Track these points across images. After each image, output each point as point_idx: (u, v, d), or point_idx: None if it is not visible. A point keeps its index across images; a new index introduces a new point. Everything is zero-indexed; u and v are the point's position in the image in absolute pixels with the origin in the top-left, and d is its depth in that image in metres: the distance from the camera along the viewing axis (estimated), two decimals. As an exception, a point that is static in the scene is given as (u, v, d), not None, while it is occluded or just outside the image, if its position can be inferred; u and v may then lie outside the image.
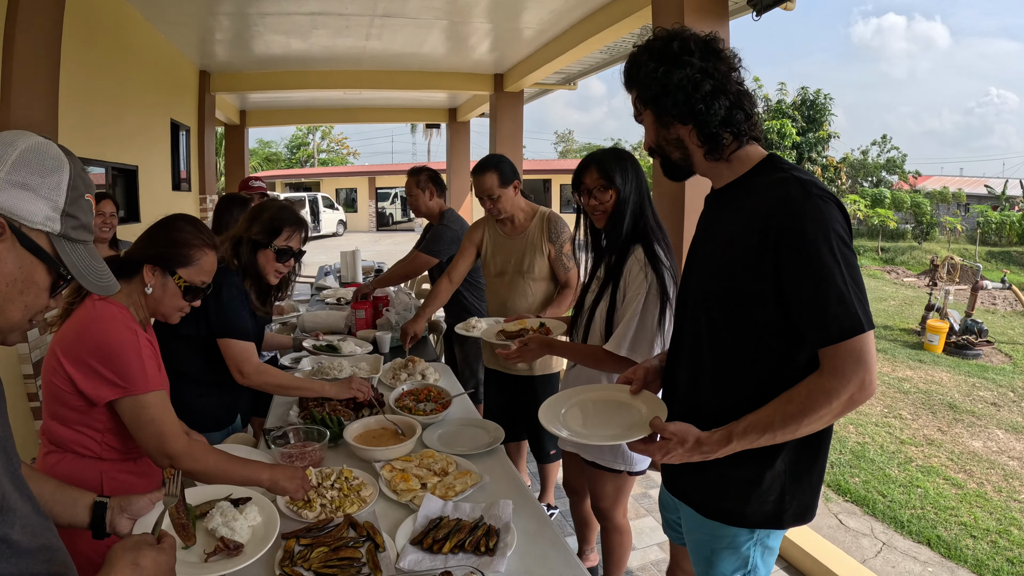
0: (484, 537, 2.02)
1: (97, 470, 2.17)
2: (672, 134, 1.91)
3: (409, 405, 3.15)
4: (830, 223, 1.65)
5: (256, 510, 2.00)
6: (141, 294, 2.26)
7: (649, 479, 5.02)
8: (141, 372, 2.07)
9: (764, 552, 2.00)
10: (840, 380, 1.62)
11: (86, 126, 6.21)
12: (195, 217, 2.44)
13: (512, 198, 3.81)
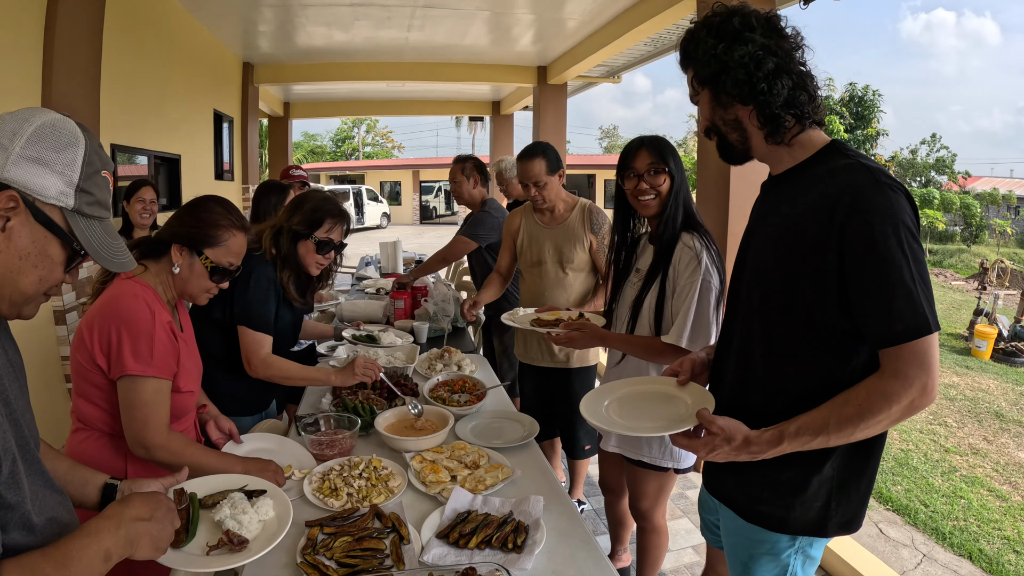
0: (512, 533, 1.96)
1: (121, 451, 2.18)
2: (730, 115, 1.80)
3: (443, 396, 3.13)
4: (899, 214, 1.54)
5: (270, 504, 1.92)
6: (169, 274, 2.26)
7: (687, 479, 4.96)
8: (147, 354, 2.07)
9: (805, 561, 1.89)
10: (902, 383, 1.53)
11: (128, 115, 6.27)
12: (226, 199, 2.43)
13: (557, 187, 3.74)
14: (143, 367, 2.06)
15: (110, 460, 2.18)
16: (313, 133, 56.97)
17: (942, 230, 28.32)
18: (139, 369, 2.05)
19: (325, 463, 2.46)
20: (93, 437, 2.19)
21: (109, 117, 5.51)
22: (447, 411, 2.89)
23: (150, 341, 2.08)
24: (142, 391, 2.07)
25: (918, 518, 4.48)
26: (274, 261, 2.94)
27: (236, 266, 2.39)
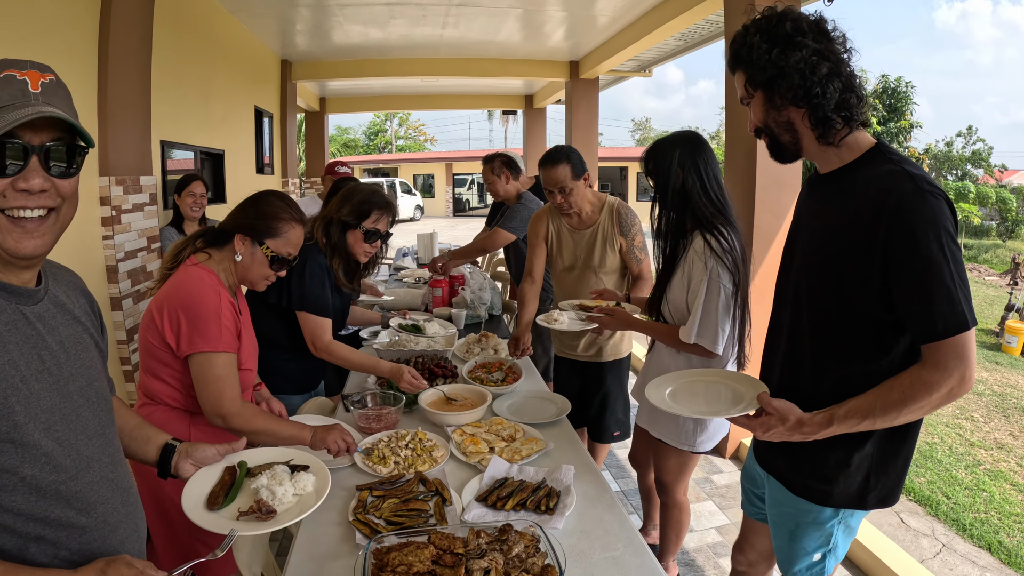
0: (545, 498, 2.14)
1: (186, 422, 2.40)
2: (783, 117, 1.88)
3: (481, 376, 3.32)
4: (940, 220, 1.63)
5: (311, 481, 1.98)
6: (231, 261, 2.46)
7: (712, 464, 5.10)
8: (216, 332, 2.26)
9: (845, 531, 2.08)
10: (942, 374, 1.65)
11: (176, 113, 6.48)
12: (285, 193, 2.62)
13: (583, 191, 3.62)
14: (214, 344, 2.24)
15: (175, 430, 2.27)
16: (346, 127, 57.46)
17: (977, 224, 27.77)
18: (210, 346, 2.24)
19: (372, 435, 2.66)
20: (159, 411, 2.38)
21: (159, 115, 5.72)
22: (485, 390, 3.08)
23: (218, 321, 2.26)
24: (214, 366, 2.25)
25: (939, 509, 4.51)
26: (323, 249, 3.14)
27: (294, 256, 2.57)
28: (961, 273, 1.64)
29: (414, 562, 1.65)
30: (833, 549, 2.10)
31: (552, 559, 1.73)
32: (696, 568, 3.76)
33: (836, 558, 2.14)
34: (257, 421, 2.31)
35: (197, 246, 2.48)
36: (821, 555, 2.11)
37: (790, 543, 2.14)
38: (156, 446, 1.84)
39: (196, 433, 2.41)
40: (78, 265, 4.33)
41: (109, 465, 1.44)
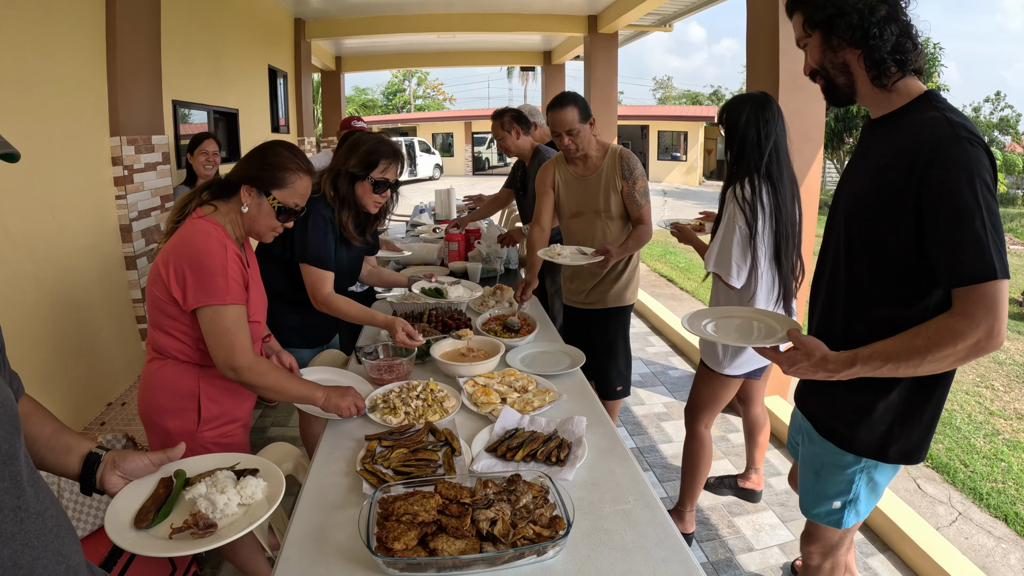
0: (556, 449, 2.10)
1: (195, 375, 2.39)
2: (839, 58, 1.90)
3: (495, 329, 3.29)
4: (975, 167, 1.63)
5: (261, 487, 1.78)
6: (238, 213, 2.40)
7: (729, 423, 5.10)
8: (223, 284, 2.22)
9: (869, 484, 2.10)
10: (969, 323, 1.63)
11: (187, 72, 6.46)
12: (292, 144, 2.54)
13: (588, 134, 3.66)
14: (221, 296, 2.21)
15: (184, 385, 2.39)
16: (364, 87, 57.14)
17: (1004, 193, 27.15)
18: (218, 299, 2.20)
19: (384, 386, 2.64)
20: (168, 365, 2.37)
21: (170, 74, 5.72)
22: (498, 341, 3.04)
23: (224, 273, 2.22)
24: (224, 318, 2.21)
25: (956, 477, 4.44)
26: (332, 202, 3.09)
27: (301, 207, 2.51)
28: (995, 223, 1.62)
29: (419, 511, 1.62)
30: (854, 501, 2.12)
31: (560, 510, 1.70)
32: (710, 526, 3.74)
33: (857, 513, 2.16)
34: (269, 376, 2.29)
35: (203, 199, 2.43)
36: (841, 504, 2.14)
37: (814, 485, 2.21)
38: (78, 456, 1.61)
39: (206, 387, 2.40)
40: (92, 224, 4.45)
41: (11, 492, 1.17)
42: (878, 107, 1.93)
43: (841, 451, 2.08)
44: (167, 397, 2.39)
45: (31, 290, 3.84)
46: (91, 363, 4.40)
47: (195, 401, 2.40)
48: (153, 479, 1.75)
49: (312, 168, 2.54)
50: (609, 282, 3.89)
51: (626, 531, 1.75)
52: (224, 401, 2.46)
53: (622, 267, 3.88)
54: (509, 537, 1.60)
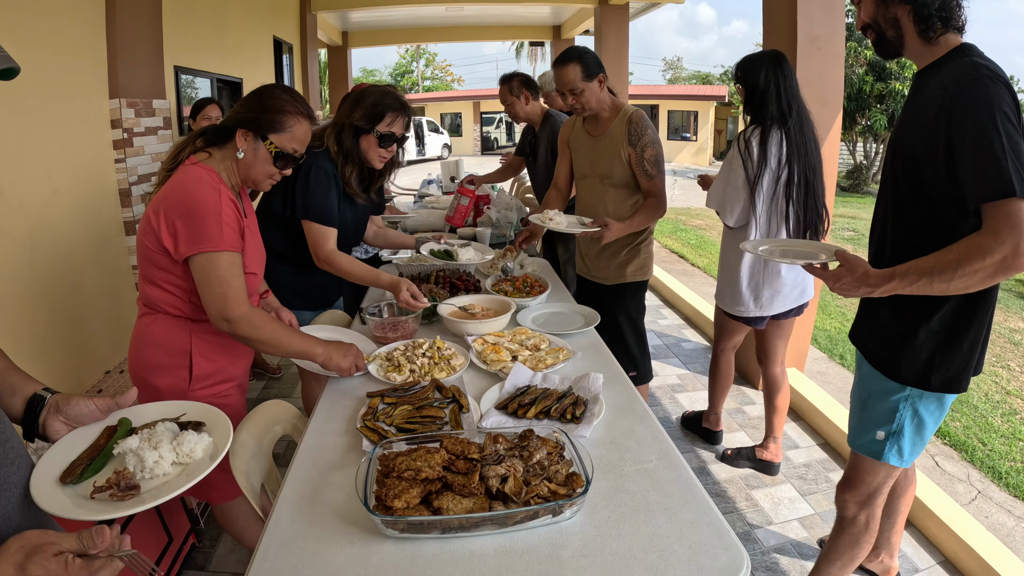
0: (572, 406, 1.97)
1: (187, 330, 2.25)
2: (891, 13, 2.07)
3: (505, 289, 3.14)
4: (995, 100, 1.79)
5: (202, 443, 1.58)
6: (234, 159, 2.26)
7: (744, 395, 4.99)
8: (217, 230, 2.07)
9: (914, 419, 2.21)
10: (995, 239, 1.74)
11: (190, 39, 6.36)
12: (292, 88, 2.39)
13: (596, 93, 3.34)
14: (215, 243, 2.07)
15: (175, 341, 2.25)
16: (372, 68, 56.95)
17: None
18: (211, 246, 2.06)
19: (388, 344, 2.51)
20: (159, 320, 2.24)
21: (172, 40, 5.64)
22: (509, 300, 2.91)
23: (218, 218, 2.08)
24: (217, 266, 2.07)
25: (975, 455, 4.35)
26: (335, 157, 2.94)
27: (300, 153, 2.36)
28: (1016, 149, 1.75)
29: (423, 467, 1.47)
30: (898, 433, 2.24)
31: (578, 467, 1.56)
32: (727, 499, 3.62)
33: (900, 450, 2.26)
34: (265, 328, 2.15)
35: (197, 145, 2.27)
36: (884, 434, 2.26)
37: (860, 415, 2.35)
38: (22, 398, 1.48)
39: (198, 343, 2.26)
40: (90, 188, 4.32)
41: None
42: (922, 59, 2.10)
43: (886, 379, 2.22)
44: (157, 353, 2.25)
45: (25, 253, 3.73)
46: (88, 329, 4.29)
47: (187, 358, 2.26)
48: (99, 427, 1.57)
49: (312, 113, 2.38)
50: (608, 256, 3.58)
51: (649, 491, 1.61)
52: (217, 358, 2.32)
53: (627, 241, 3.52)
54: (521, 495, 1.46)
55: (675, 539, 1.43)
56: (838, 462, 3.97)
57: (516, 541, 1.44)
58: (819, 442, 4.22)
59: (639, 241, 3.55)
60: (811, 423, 4.41)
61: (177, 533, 2.98)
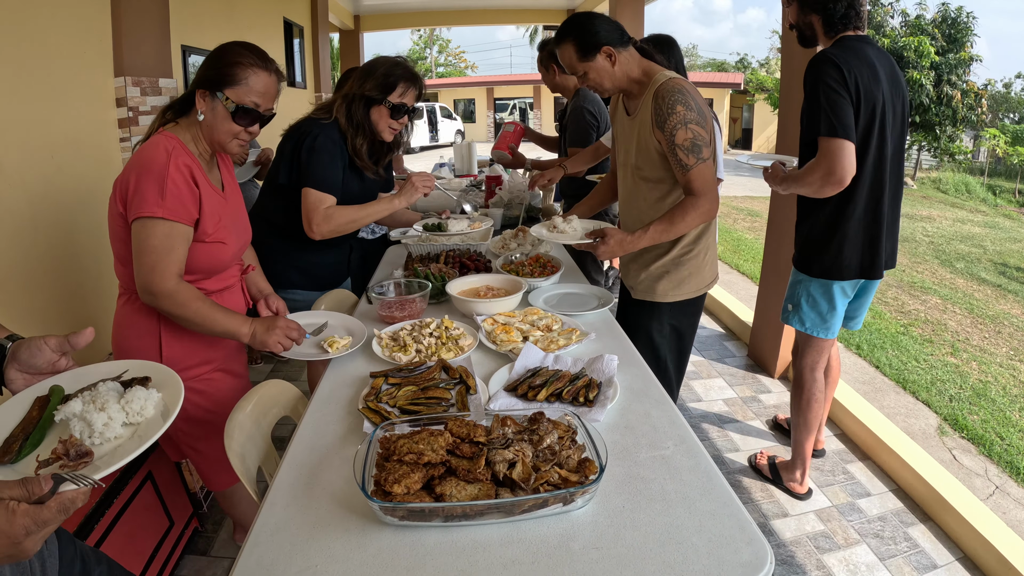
0: (584, 388, 1.87)
1: (154, 311, 2.16)
2: (808, 19, 3.01)
3: (517, 269, 3.05)
4: (820, 75, 2.79)
5: (152, 399, 1.46)
6: (197, 125, 2.16)
7: (759, 384, 4.91)
8: (156, 196, 1.98)
9: (807, 297, 3.22)
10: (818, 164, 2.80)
11: (198, 18, 6.29)
12: (252, 44, 2.26)
13: (608, 69, 2.69)
14: (153, 208, 1.97)
15: (143, 321, 2.18)
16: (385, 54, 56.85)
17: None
18: (149, 210, 1.97)
19: (395, 324, 2.42)
20: (129, 301, 2.18)
21: (179, 19, 5.58)
22: (520, 279, 2.82)
23: (161, 183, 1.99)
24: (152, 235, 1.98)
25: (993, 450, 4.28)
26: (345, 129, 2.86)
27: (265, 108, 2.21)
28: (832, 106, 2.76)
29: (425, 450, 1.38)
30: (796, 306, 3.27)
31: (591, 452, 1.46)
32: (742, 490, 3.55)
33: (801, 319, 3.28)
34: (191, 305, 2.04)
35: (167, 118, 2.21)
36: (791, 306, 3.32)
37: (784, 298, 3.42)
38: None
39: (167, 323, 2.18)
40: (94, 165, 4.23)
41: None
42: None
43: (795, 269, 3.27)
44: (130, 336, 2.20)
45: (27, 230, 3.66)
46: (91, 307, 4.22)
47: (156, 339, 2.19)
48: (27, 399, 1.42)
49: (276, 68, 2.26)
50: (639, 265, 2.95)
51: (666, 479, 1.51)
52: (189, 340, 2.24)
53: (662, 250, 2.86)
54: (530, 482, 1.36)
55: (694, 531, 1.34)
56: (856, 454, 3.89)
57: (524, 531, 1.34)
58: (836, 432, 4.13)
59: (681, 252, 2.85)
60: (830, 414, 4.31)
61: (179, 517, 2.91)
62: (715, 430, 4.16)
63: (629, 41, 2.72)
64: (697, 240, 2.85)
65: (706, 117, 2.60)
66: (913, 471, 3.51)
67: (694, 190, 2.61)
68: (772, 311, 4.78)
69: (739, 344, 5.63)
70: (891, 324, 7.13)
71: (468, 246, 3.42)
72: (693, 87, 2.64)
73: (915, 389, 5.25)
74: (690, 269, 2.86)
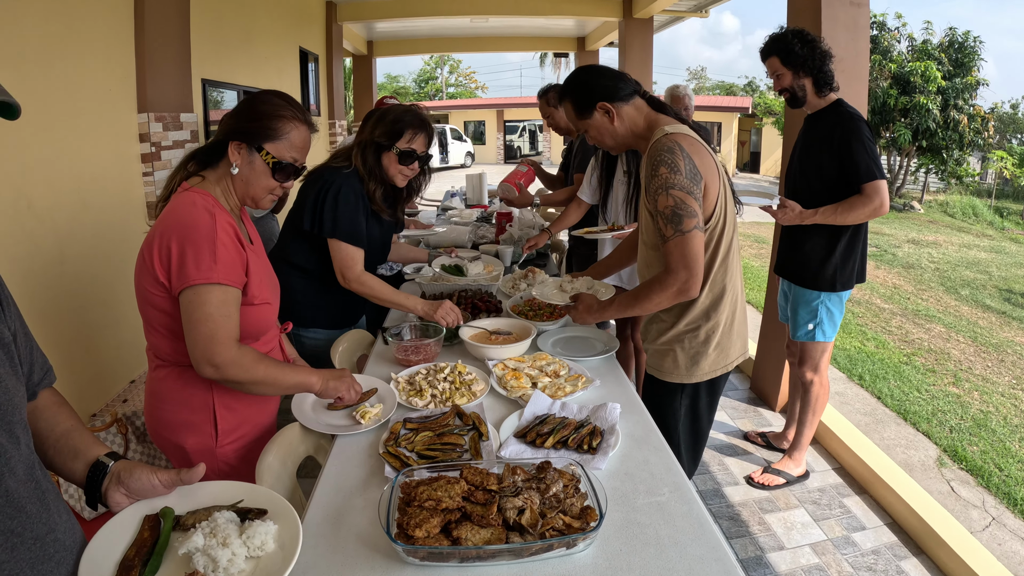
0: (588, 436, 2.01)
1: (206, 381, 2.07)
2: (801, 82, 3.52)
3: (525, 312, 3.17)
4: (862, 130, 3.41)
5: (271, 533, 1.43)
6: (229, 178, 2.07)
7: (761, 417, 5.00)
8: (208, 260, 1.88)
9: (828, 313, 3.76)
10: (868, 198, 3.40)
11: (217, 52, 6.47)
12: (285, 93, 2.21)
13: (607, 126, 2.51)
14: (207, 274, 1.88)
15: (195, 394, 2.10)
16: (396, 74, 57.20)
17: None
18: (203, 277, 1.87)
19: (411, 368, 2.56)
20: (174, 373, 2.08)
21: (199, 53, 5.73)
22: (530, 324, 2.95)
23: (212, 246, 1.90)
24: (207, 302, 1.88)
25: (991, 481, 4.35)
26: (362, 176, 2.98)
27: (301, 163, 2.15)
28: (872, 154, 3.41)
29: (443, 497, 1.52)
30: (821, 322, 3.76)
31: (592, 500, 1.60)
32: (740, 523, 3.66)
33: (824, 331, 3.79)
34: (258, 369, 1.97)
35: (189, 170, 2.10)
36: (813, 325, 3.79)
37: (795, 316, 3.86)
38: (84, 463, 1.41)
39: (220, 394, 2.11)
40: (118, 201, 4.40)
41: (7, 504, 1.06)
42: (815, 108, 3.62)
43: (806, 289, 3.75)
44: (178, 411, 2.11)
45: (54, 264, 3.80)
46: (115, 340, 4.37)
47: (210, 412, 2.11)
48: (137, 514, 1.44)
49: (311, 120, 2.19)
50: (653, 334, 2.65)
51: (661, 525, 1.65)
52: (242, 408, 2.19)
53: (668, 323, 2.56)
54: (537, 528, 1.51)
55: (684, 574, 1.47)
56: (853, 488, 3.99)
57: (531, 571, 1.48)
58: (835, 466, 4.24)
59: (687, 329, 2.51)
60: (828, 447, 4.42)
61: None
62: (715, 463, 4.27)
63: (634, 94, 2.51)
64: (707, 315, 2.49)
65: (700, 177, 2.31)
66: (907, 505, 3.61)
67: (668, 264, 2.33)
68: (775, 345, 4.89)
69: (742, 376, 5.72)
70: (894, 354, 7.22)
71: (479, 286, 3.55)
72: (694, 141, 2.38)
73: (916, 420, 5.33)
74: (698, 348, 2.51)
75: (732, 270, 2.51)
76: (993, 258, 14.59)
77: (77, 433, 1.43)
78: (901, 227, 18.03)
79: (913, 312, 9.26)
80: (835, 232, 3.56)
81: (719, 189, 2.39)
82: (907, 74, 20.67)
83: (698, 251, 2.29)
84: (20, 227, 3.54)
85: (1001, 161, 24.80)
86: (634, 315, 2.71)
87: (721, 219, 2.41)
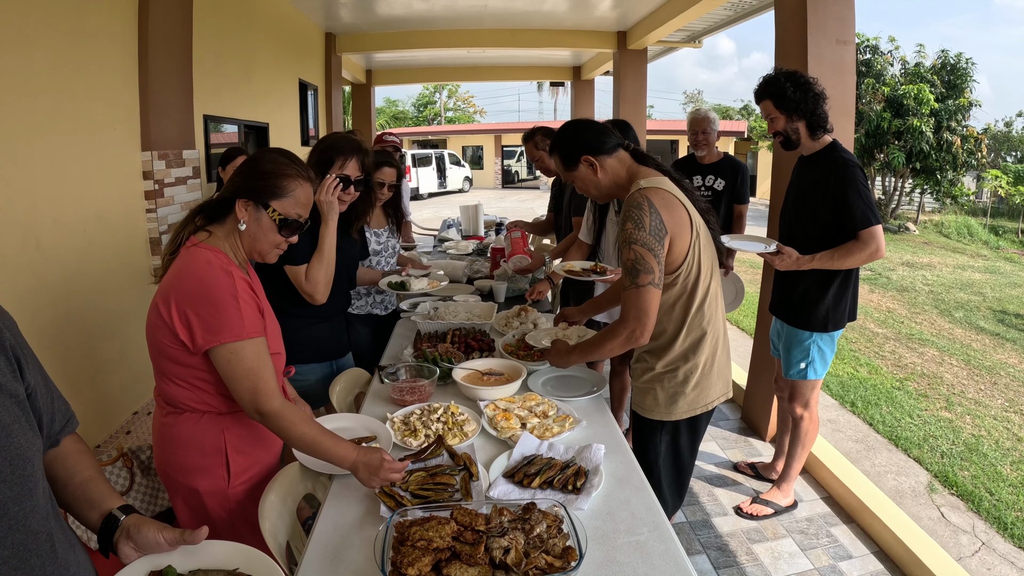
0: (573, 477, 2.11)
1: (218, 427, 2.16)
2: (795, 125, 3.56)
3: (517, 351, 3.27)
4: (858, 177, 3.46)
5: None
6: (236, 233, 2.15)
7: (751, 447, 5.09)
8: (237, 317, 1.97)
9: (819, 351, 3.80)
10: (865, 244, 3.43)
11: (218, 87, 6.58)
12: (288, 150, 2.30)
13: (591, 178, 2.66)
14: (237, 332, 1.97)
15: (208, 439, 2.17)
16: (395, 99, 57.49)
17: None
18: (234, 335, 1.96)
19: (406, 408, 2.67)
20: (186, 419, 2.14)
21: (201, 89, 5.83)
22: (521, 364, 3.05)
23: (236, 303, 1.99)
24: (244, 357, 1.97)
25: (981, 506, 4.41)
26: None
27: (305, 218, 2.24)
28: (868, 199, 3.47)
29: (434, 537, 1.63)
30: (812, 360, 3.80)
31: (574, 541, 1.70)
32: (728, 553, 3.72)
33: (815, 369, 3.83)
34: (301, 428, 2.03)
35: (197, 224, 2.17)
36: (805, 364, 3.82)
37: (787, 355, 3.91)
38: (99, 514, 1.48)
39: (231, 438, 2.19)
40: (123, 238, 4.50)
41: (11, 563, 1.10)
42: (808, 150, 3.66)
43: (799, 329, 3.78)
44: (191, 455, 2.17)
45: (61, 301, 3.91)
46: (119, 374, 4.47)
47: (222, 456, 2.18)
48: (142, 568, 1.50)
49: (312, 175, 2.29)
50: (633, 374, 2.84)
51: (639, 564, 1.75)
52: (251, 450, 2.26)
53: (649, 363, 2.69)
54: (521, 567, 1.61)
55: (660, 611, 1.58)
56: (841, 517, 4.07)
57: (516, 609, 1.58)
58: (823, 495, 4.32)
59: (665, 369, 2.63)
60: (816, 476, 4.50)
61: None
62: (705, 494, 4.34)
63: (618, 147, 2.65)
64: (686, 357, 2.60)
65: (664, 232, 2.41)
66: (893, 533, 3.67)
67: (622, 313, 2.47)
68: (766, 376, 4.95)
69: (733, 406, 5.78)
70: (887, 379, 7.28)
71: (473, 325, 3.63)
72: (666, 195, 2.48)
73: (907, 446, 5.39)
74: (677, 388, 2.62)
75: (711, 314, 2.60)
76: (987, 279, 14.66)
77: (94, 484, 1.50)
78: (896, 249, 18.10)
79: (907, 336, 9.33)
80: (829, 275, 3.59)
81: (690, 240, 2.49)
82: (900, 97, 20.81)
83: (648, 305, 2.40)
84: (29, 266, 3.64)
85: (996, 180, 24.88)
86: (593, 359, 2.90)
87: (694, 267, 2.52)
